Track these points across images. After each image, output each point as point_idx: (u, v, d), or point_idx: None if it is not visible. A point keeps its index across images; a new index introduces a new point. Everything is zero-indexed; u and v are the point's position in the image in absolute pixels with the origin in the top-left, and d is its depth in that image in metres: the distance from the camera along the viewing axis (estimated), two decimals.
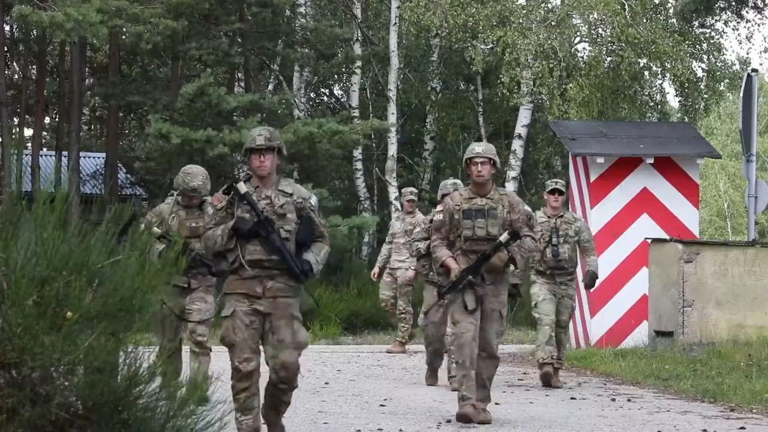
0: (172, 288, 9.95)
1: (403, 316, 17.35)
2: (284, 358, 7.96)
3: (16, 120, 31.59)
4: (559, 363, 13.22)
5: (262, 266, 7.95)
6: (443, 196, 11.74)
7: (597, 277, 13.49)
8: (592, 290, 14.61)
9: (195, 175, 10.50)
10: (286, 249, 7.90)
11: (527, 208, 10.15)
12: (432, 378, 13.17)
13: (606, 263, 17.26)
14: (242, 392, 8.03)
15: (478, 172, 9.74)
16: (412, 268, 15.96)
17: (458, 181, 12.66)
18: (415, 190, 17.78)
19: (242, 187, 7.99)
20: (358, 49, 28.73)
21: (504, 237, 9.55)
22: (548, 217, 13.15)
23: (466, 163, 9.80)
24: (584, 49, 28.64)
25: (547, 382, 12.96)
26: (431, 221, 11.96)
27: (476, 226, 9.67)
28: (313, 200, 8.18)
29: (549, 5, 27.48)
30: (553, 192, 13.19)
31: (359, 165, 28.94)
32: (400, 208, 23.00)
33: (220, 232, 7.95)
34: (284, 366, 7.97)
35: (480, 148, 9.80)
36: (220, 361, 10.49)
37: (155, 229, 10.02)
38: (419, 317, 13.46)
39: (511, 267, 9.90)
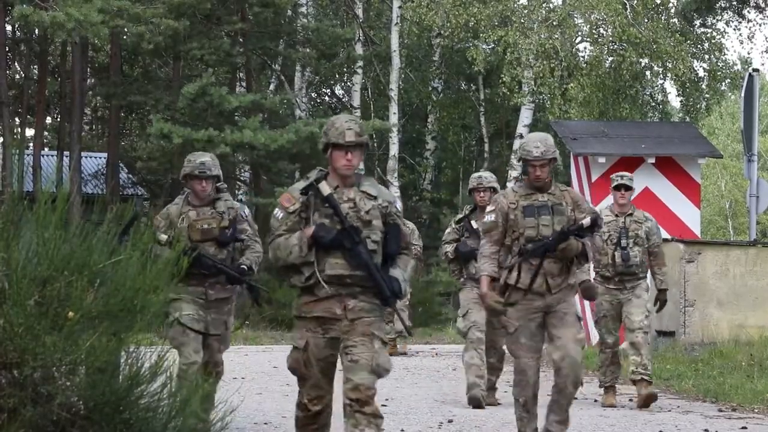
0: (188, 302, 8.87)
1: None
2: (357, 380, 6.66)
3: (17, 120, 31.60)
4: (646, 372, 11.20)
5: (344, 283, 6.64)
6: (471, 190, 11.09)
7: (666, 295, 11.58)
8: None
9: (201, 154, 9.11)
10: (375, 264, 6.61)
11: (592, 206, 9.09)
12: (492, 397, 11.36)
13: None
14: (307, 426, 6.99)
15: (537, 176, 8.24)
16: None
17: (482, 173, 11.42)
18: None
19: (325, 188, 6.65)
20: (359, 49, 28.73)
21: (587, 221, 8.12)
22: (615, 215, 11.44)
23: (523, 163, 8.40)
24: (585, 48, 28.68)
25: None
26: (458, 222, 11.34)
27: (541, 224, 8.15)
28: (398, 204, 6.98)
29: (550, 5, 27.48)
30: (618, 188, 11.51)
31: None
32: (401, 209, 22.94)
33: (296, 240, 6.61)
34: (356, 388, 6.67)
35: (538, 150, 8.21)
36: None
37: (161, 235, 8.74)
38: (457, 321, 11.68)
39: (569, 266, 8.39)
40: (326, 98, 36.35)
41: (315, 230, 6.58)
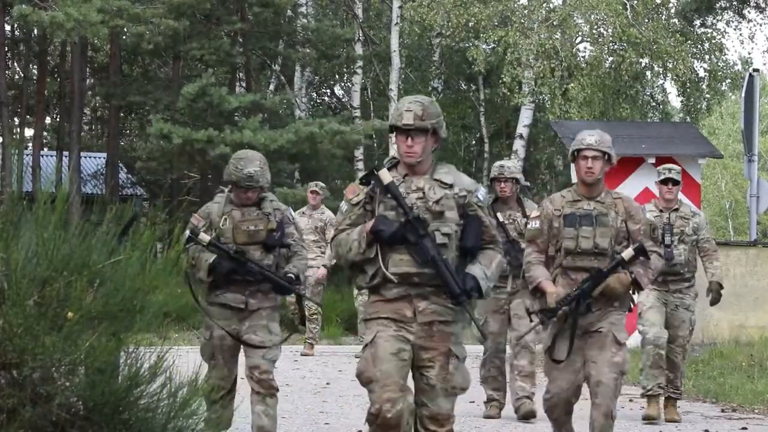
0: (222, 309, 8.10)
1: (315, 317, 16.60)
2: (434, 408, 6.08)
3: (16, 120, 31.60)
4: (676, 392, 10.54)
5: (411, 282, 5.97)
6: (492, 180, 10.30)
7: (722, 289, 10.74)
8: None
9: (250, 159, 8.03)
10: (443, 259, 5.92)
11: (649, 215, 8.34)
12: (494, 409, 10.43)
13: None
14: None
15: (588, 168, 7.42)
16: (324, 266, 15.65)
17: (505, 163, 10.66)
18: (321, 184, 16.96)
19: (386, 176, 6.01)
20: (359, 49, 28.73)
21: (628, 253, 7.25)
22: (660, 210, 10.59)
23: (573, 156, 7.55)
24: (586, 48, 28.68)
25: (652, 417, 10.37)
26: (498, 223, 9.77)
27: (580, 235, 7.39)
28: (481, 193, 6.14)
29: (551, 5, 27.49)
30: (666, 182, 10.55)
31: (360, 165, 28.94)
32: None
33: (356, 236, 5.99)
34: (433, 417, 6.11)
35: (592, 137, 7.47)
36: None
37: (203, 235, 7.92)
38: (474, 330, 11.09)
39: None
40: (326, 98, 36.35)
41: (374, 224, 5.94)
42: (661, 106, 31.59)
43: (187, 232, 7.82)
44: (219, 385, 7.96)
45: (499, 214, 9.97)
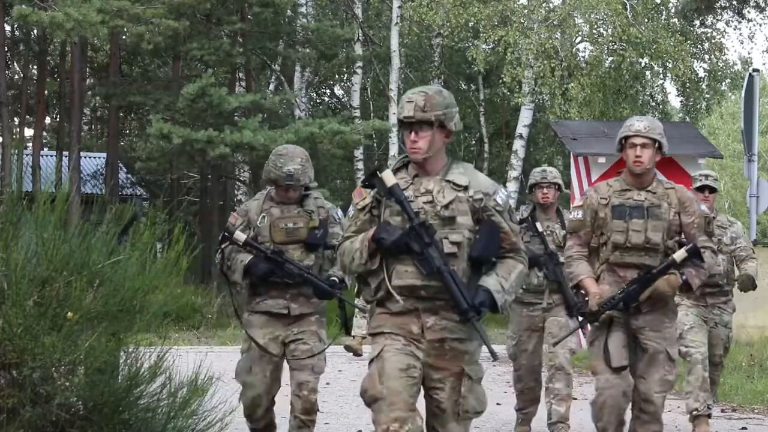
0: (266, 318, 7.50)
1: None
2: None
3: (16, 120, 31.59)
4: (709, 411, 9.80)
5: (418, 296, 5.36)
6: (532, 186, 9.43)
7: (754, 281, 10.11)
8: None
9: (291, 156, 7.46)
10: (450, 270, 5.29)
11: (704, 207, 7.47)
12: (523, 426, 9.63)
13: None
14: None
15: (637, 157, 6.84)
16: None
17: (547, 167, 9.73)
18: None
19: (389, 177, 5.39)
20: (359, 49, 28.72)
21: (680, 255, 6.67)
22: None
23: (621, 144, 6.97)
24: (585, 48, 28.67)
25: None
26: (518, 224, 9.20)
27: (631, 228, 6.79)
28: (500, 196, 5.45)
29: (550, 5, 27.49)
30: (702, 189, 9.73)
31: (360, 165, 28.94)
32: None
33: (359, 244, 5.41)
34: None
35: (641, 123, 6.90)
36: (221, 361, 10.47)
37: (239, 233, 7.36)
38: (507, 344, 9.79)
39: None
40: (326, 98, 36.34)
41: (375, 231, 5.34)
42: (660, 106, 31.59)
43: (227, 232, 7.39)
44: (256, 403, 7.48)
45: (538, 224, 9.33)
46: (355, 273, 5.51)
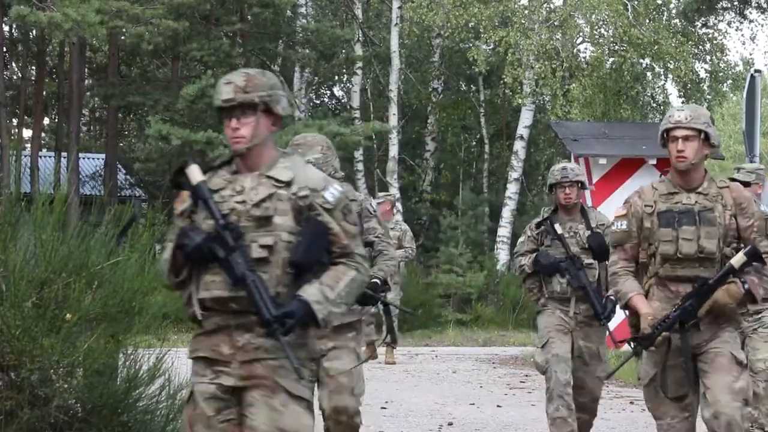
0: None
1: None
2: None
3: (15, 121, 31.55)
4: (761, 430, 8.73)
5: (228, 309, 4.63)
6: (552, 186, 8.52)
7: None
8: None
9: (310, 145, 6.73)
10: (257, 278, 4.55)
11: (764, 208, 6.64)
12: None
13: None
14: None
15: (679, 152, 5.91)
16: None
17: (570, 165, 8.75)
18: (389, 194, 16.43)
19: (195, 174, 4.75)
20: (359, 49, 28.69)
21: (738, 259, 5.82)
22: None
23: (663, 139, 6.00)
24: (587, 49, 28.65)
25: None
26: (536, 226, 8.54)
27: (681, 237, 5.90)
28: (331, 193, 4.72)
29: (551, 5, 27.48)
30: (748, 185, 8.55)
31: (360, 166, 28.89)
32: (401, 210, 22.86)
33: (167, 254, 4.74)
34: None
35: (682, 113, 5.97)
36: None
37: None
38: (535, 353, 8.62)
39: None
40: (326, 99, 36.31)
41: (178, 237, 4.65)
42: (662, 107, 31.54)
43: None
44: None
45: (557, 226, 8.46)
46: (171, 287, 4.81)
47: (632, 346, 5.94)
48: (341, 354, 6.64)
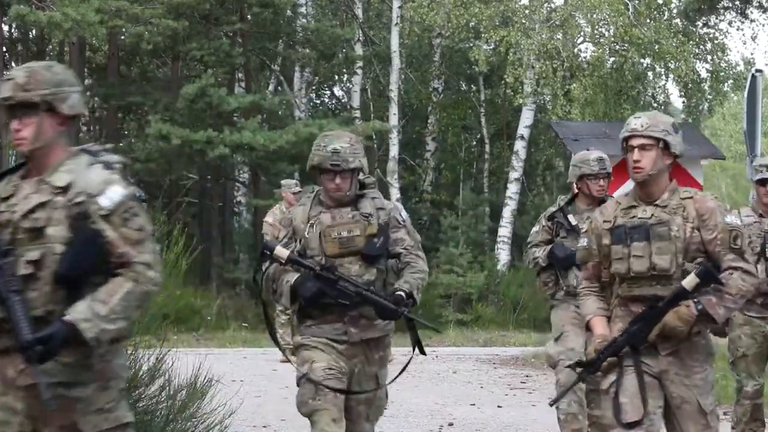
0: (325, 341, 6.20)
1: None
2: None
3: None
4: None
5: (4, 330, 4.24)
6: (583, 177, 8.25)
7: None
8: None
9: (337, 136, 6.38)
10: (19, 297, 4.18)
11: (730, 219, 5.69)
12: None
13: None
14: None
15: (635, 162, 5.54)
16: None
17: (603, 155, 8.61)
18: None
19: None
20: (359, 49, 28.64)
21: (690, 281, 5.38)
22: (759, 215, 8.57)
23: (622, 148, 5.67)
24: (587, 49, 28.63)
25: None
26: (550, 218, 8.28)
27: (632, 254, 5.48)
28: (107, 198, 4.32)
29: (552, 5, 27.45)
30: (763, 182, 8.57)
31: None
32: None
33: None
34: None
35: (638, 121, 5.59)
36: (221, 363, 10.38)
37: (280, 249, 6.15)
38: (547, 345, 8.47)
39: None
40: (326, 99, 36.25)
41: None
42: (662, 107, 31.49)
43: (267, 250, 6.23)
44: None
45: (571, 217, 8.16)
46: None
47: (576, 371, 5.67)
48: (364, 380, 6.32)
